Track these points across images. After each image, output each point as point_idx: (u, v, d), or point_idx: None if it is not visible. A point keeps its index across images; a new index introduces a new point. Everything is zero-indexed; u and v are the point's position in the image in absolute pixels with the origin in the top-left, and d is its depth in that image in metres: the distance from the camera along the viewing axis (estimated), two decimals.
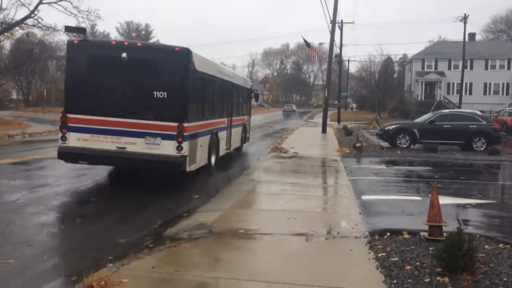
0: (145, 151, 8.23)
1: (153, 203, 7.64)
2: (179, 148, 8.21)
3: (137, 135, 8.23)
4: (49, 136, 19.83)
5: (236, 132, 13.85)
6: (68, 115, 8.41)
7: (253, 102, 17.53)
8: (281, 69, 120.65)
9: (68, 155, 8.51)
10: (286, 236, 5.72)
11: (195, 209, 7.30)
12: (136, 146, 8.25)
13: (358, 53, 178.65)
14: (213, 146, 10.47)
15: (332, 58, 29.61)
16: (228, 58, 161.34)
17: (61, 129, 8.47)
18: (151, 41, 65.81)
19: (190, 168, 8.63)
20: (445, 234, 5.27)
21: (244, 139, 15.67)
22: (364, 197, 8.19)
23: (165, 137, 8.18)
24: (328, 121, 30.27)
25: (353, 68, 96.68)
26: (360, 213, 7.02)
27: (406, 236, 5.75)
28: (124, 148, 8.28)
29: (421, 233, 5.70)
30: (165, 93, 8.21)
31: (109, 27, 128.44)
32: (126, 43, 8.90)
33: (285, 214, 6.85)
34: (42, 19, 29.79)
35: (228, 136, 12.69)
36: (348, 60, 66.82)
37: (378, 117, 37.60)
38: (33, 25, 28.45)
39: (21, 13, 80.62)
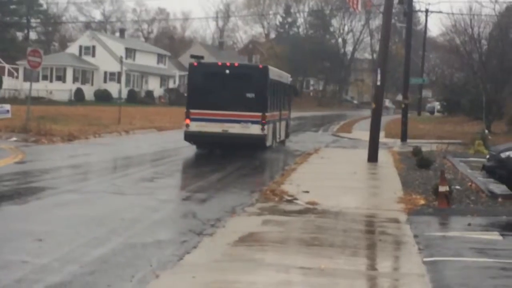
0: (240, 132, 29.33)
1: None
2: (263, 129, 29.49)
3: (235, 122, 29.39)
4: None
5: (283, 125, 34.72)
6: (191, 110, 29.67)
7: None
8: (284, 26, 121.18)
9: (191, 136, 29.93)
10: None
11: None
12: (235, 128, 29.37)
13: None
14: (275, 132, 32.39)
15: (393, 6, 29.94)
16: (176, 3, 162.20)
17: (186, 119, 29.81)
18: None
19: (267, 144, 30.31)
20: None
21: (287, 133, 36.50)
22: None
23: (253, 122, 29.39)
24: (382, 137, 30.48)
25: (435, 29, 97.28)
26: None
27: None
28: (227, 130, 29.32)
29: None
30: (253, 94, 29.79)
31: None
32: (228, 64, 31.52)
33: None
34: None
35: (279, 127, 33.33)
36: (426, 12, 67.74)
37: (486, 132, 37.68)
38: None
39: None
